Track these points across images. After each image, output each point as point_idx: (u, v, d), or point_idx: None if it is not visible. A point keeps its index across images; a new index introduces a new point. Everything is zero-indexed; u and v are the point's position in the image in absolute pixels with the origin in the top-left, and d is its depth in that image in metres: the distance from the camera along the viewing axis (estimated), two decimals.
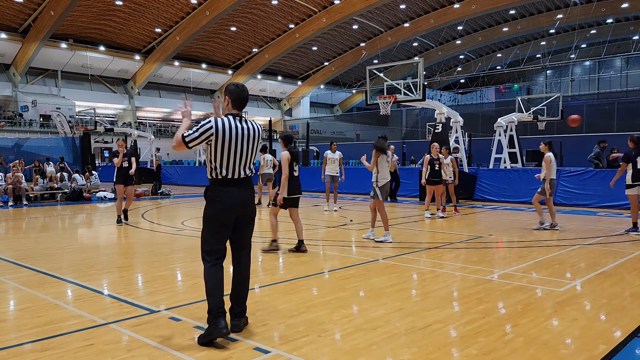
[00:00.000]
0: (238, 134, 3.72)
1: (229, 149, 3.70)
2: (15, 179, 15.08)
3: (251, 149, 3.83)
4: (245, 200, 3.85)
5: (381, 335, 3.75)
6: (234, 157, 3.73)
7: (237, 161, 3.75)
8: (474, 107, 49.78)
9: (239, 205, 3.81)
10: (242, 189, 3.82)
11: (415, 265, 6.36)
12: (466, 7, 41.49)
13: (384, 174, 8.05)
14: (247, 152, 3.79)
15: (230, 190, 3.76)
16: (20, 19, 37.44)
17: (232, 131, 3.70)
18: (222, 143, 3.68)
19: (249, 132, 3.79)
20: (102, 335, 3.77)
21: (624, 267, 6.09)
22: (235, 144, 3.72)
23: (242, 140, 3.76)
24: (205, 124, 3.65)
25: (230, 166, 3.73)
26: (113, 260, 6.83)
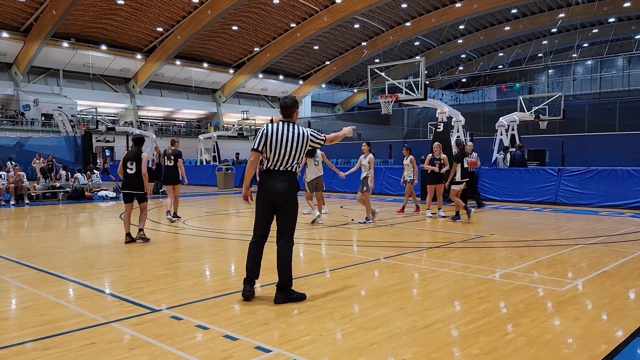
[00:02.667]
0: (282, 135, 4.61)
1: (273, 146, 4.59)
2: (17, 178, 15.11)
3: (292, 148, 4.61)
4: (280, 190, 4.58)
5: (382, 335, 3.74)
6: (277, 153, 4.59)
7: (278, 156, 4.60)
8: (475, 106, 49.72)
9: (273, 193, 4.59)
10: (279, 180, 4.60)
11: (416, 264, 6.36)
12: (468, 6, 41.44)
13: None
14: (288, 150, 4.60)
15: (268, 179, 4.62)
16: (22, 18, 37.48)
17: (277, 133, 4.62)
18: (270, 141, 4.60)
19: (292, 135, 4.63)
20: (103, 334, 3.78)
21: (626, 267, 6.08)
22: (278, 143, 4.58)
23: (284, 141, 4.59)
24: (261, 129, 4.69)
25: (272, 160, 4.60)
26: (114, 259, 6.84)
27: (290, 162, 4.63)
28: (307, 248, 7.73)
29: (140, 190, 8.13)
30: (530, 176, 14.84)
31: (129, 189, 8.16)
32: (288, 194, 4.61)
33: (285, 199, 4.61)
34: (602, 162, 21.39)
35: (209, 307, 4.46)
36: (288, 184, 4.62)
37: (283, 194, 4.59)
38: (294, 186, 4.69)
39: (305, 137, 4.69)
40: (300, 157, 4.68)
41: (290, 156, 4.62)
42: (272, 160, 4.61)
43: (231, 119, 53.48)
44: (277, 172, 4.61)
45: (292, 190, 4.65)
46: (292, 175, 4.66)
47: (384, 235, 8.87)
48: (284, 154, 4.59)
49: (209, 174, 24.60)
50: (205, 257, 7.03)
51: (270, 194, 4.60)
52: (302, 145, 4.67)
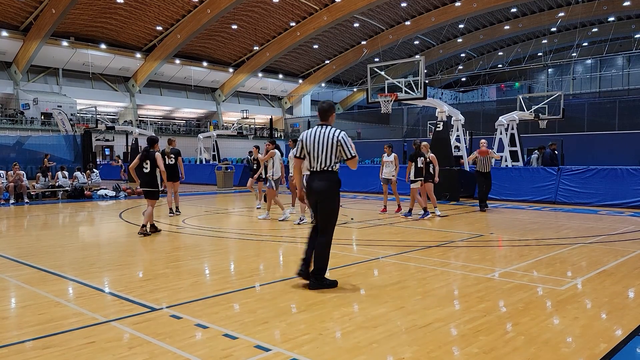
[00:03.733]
0: (314, 138, 5.04)
1: (308, 149, 5.07)
2: (17, 176, 15.10)
3: (323, 150, 4.98)
4: (317, 188, 5.02)
5: (382, 334, 3.75)
6: (312, 155, 5.05)
7: (313, 158, 5.05)
8: (475, 105, 49.71)
9: (312, 191, 5.06)
10: (317, 179, 5.03)
11: (416, 263, 6.36)
12: (467, 5, 41.44)
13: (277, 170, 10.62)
14: (320, 151, 4.99)
15: (311, 180, 5.09)
16: (21, 17, 37.45)
17: (310, 137, 5.08)
18: (305, 146, 5.11)
19: (322, 137, 5.00)
20: (103, 333, 3.78)
21: (625, 266, 6.09)
22: (311, 146, 5.04)
23: (316, 143, 5.01)
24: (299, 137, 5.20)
25: (311, 162, 5.07)
26: (114, 258, 6.84)
27: (326, 163, 4.98)
28: None
29: (154, 187, 8.66)
30: (530, 175, 14.85)
31: (145, 186, 8.78)
32: (324, 192, 5.00)
33: (322, 196, 5.01)
34: (601, 161, 21.41)
35: (208, 306, 4.47)
36: (324, 183, 5.00)
37: (319, 192, 5.01)
38: (331, 185, 5.02)
39: (334, 140, 4.97)
40: (332, 157, 4.97)
41: (323, 157, 4.98)
42: (311, 162, 5.08)
43: (231, 117, 53.48)
44: (316, 172, 5.05)
45: (328, 188, 5.01)
46: (330, 174, 5.01)
47: (384, 235, 8.88)
48: (317, 155, 5.00)
49: (209, 173, 24.60)
50: (204, 256, 7.03)
51: (311, 193, 5.08)
52: (331, 146, 4.96)
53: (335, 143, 4.97)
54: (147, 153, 8.73)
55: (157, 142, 8.96)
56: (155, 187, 8.67)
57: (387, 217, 11.30)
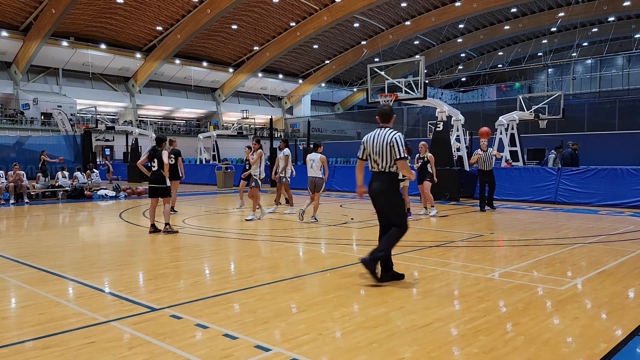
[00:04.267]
0: (373, 141, 5.26)
1: (368, 151, 5.30)
2: (17, 176, 15.10)
3: (380, 151, 5.18)
4: (376, 189, 5.25)
5: (382, 334, 3.75)
6: (372, 157, 5.27)
7: (373, 159, 5.26)
8: (475, 105, 49.74)
9: (372, 192, 5.30)
10: (376, 180, 5.26)
11: (416, 263, 6.36)
12: (467, 5, 41.45)
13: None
14: (377, 153, 5.19)
15: (371, 180, 5.31)
16: (21, 17, 37.46)
17: (370, 140, 5.30)
18: (366, 148, 5.33)
19: (379, 139, 5.21)
20: (103, 333, 3.78)
21: (625, 266, 6.09)
22: (371, 148, 5.26)
23: (374, 145, 5.22)
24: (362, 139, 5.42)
25: (371, 163, 5.29)
26: (114, 258, 6.84)
27: (383, 164, 5.19)
28: (307, 247, 7.73)
29: (162, 184, 8.89)
30: (530, 175, 14.85)
31: (153, 183, 8.98)
32: (383, 192, 5.22)
33: (381, 196, 5.25)
34: (601, 161, 21.38)
35: (208, 306, 4.47)
36: (383, 184, 5.21)
37: (379, 193, 5.24)
38: (390, 185, 5.23)
39: (387, 141, 5.16)
40: (390, 158, 5.15)
41: (380, 158, 5.19)
42: (371, 163, 5.31)
43: (231, 117, 53.49)
44: (376, 173, 5.27)
45: (387, 188, 5.22)
46: (388, 175, 5.21)
47: None
48: (376, 157, 5.22)
49: (209, 173, 24.60)
50: (204, 256, 7.03)
51: (372, 193, 5.31)
52: (386, 148, 5.16)
53: (388, 144, 5.15)
54: (154, 152, 8.97)
55: (164, 141, 9.25)
56: (165, 184, 8.90)
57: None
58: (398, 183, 5.36)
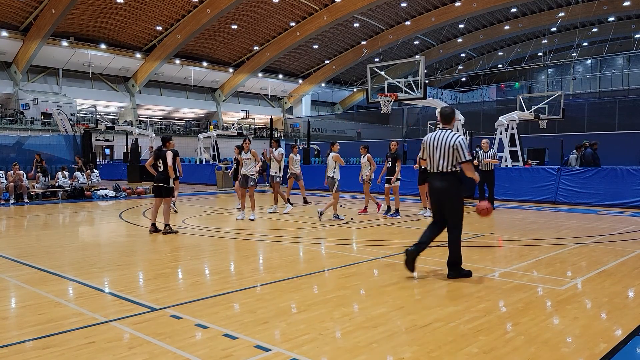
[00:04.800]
0: (433, 142, 5.40)
1: (428, 152, 5.48)
2: (17, 177, 15.10)
3: (441, 153, 5.33)
4: (438, 188, 5.43)
5: (382, 334, 3.75)
6: (430, 157, 5.45)
7: (432, 160, 5.44)
8: (475, 105, 49.74)
9: (433, 190, 5.52)
10: (437, 180, 5.42)
11: (416, 263, 6.35)
12: (467, 5, 41.45)
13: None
14: (438, 154, 5.36)
15: (431, 180, 5.53)
16: (21, 17, 37.45)
17: (430, 141, 5.46)
18: (426, 148, 5.50)
19: (441, 141, 5.34)
20: (103, 333, 3.78)
21: (625, 266, 6.09)
22: (431, 149, 5.43)
23: (434, 147, 5.38)
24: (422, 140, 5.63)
25: (430, 163, 5.48)
26: (114, 258, 6.84)
27: (443, 165, 5.34)
28: (307, 247, 7.73)
29: (166, 184, 8.91)
30: (530, 175, 14.84)
31: (157, 182, 9.00)
32: (445, 192, 5.39)
33: (443, 196, 5.43)
34: (601, 161, 21.38)
35: (208, 306, 4.47)
36: (445, 184, 5.37)
37: (440, 192, 5.43)
38: (452, 185, 5.37)
39: (450, 143, 5.31)
40: (450, 160, 5.31)
41: (441, 159, 5.35)
42: (430, 164, 5.48)
43: (231, 118, 53.48)
44: (436, 174, 5.42)
45: (449, 189, 5.37)
46: (450, 175, 5.35)
47: (383, 235, 8.88)
48: (435, 158, 5.39)
49: (209, 173, 24.60)
50: (204, 256, 7.03)
51: (433, 192, 5.53)
52: (448, 149, 5.30)
53: (452, 146, 5.28)
54: (159, 151, 9.02)
55: (169, 141, 9.20)
56: (168, 183, 8.91)
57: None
58: (461, 183, 5.45)
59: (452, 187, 5.37)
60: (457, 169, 5.35)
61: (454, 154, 5.28)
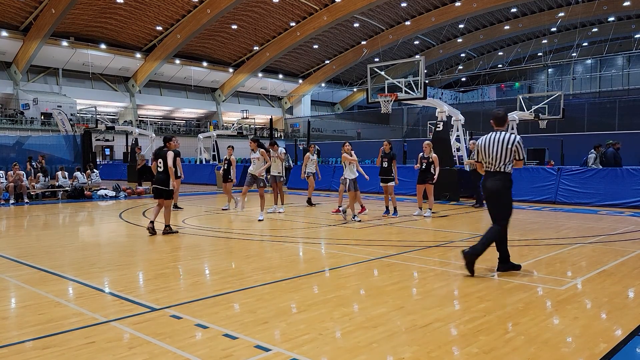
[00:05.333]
0: (488, 143, 5.69)
1: (483, 153, 5.75)
2: (17, 177, 15.10)
3: (496, 153, 5.61)
4: (490, 187, 5.70)
5: (382, 334, 3.75)
6: (486, 158, 5.71)
7: (488, 160, 5.70)
8: (475, 105, 49.73)
9: (486, 188, 5.76)
10: (490, 179, 5.69)
11: (416, 263, 6.36)
12: (467, 5, 41.45)
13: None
14: (493, 155, 5.63)
15: (485, 179, 5.78)
16: (21, 17, 37.45)
17: (485, 142, 5.74)
18: (481, 150, 5.77)
19: (496, 142, 5.63)
20: (103, 333, 3.78)
21: (625, 266, 6.09)
22: (486, 150, 5.70)
23: (490, 147, 5.65)
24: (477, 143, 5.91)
25: (486, 164, 5.75)
26: (114, 258, 6.84)
27: (498, 164, 5.61)
28: (307, 247, 7.73)
29: (166, 187, 8.66)
30: (530, 175, 14.84)
31: (157, 184, 8.76)
32: (497, 191, 5.65)
33: (495, 194, 5.68)
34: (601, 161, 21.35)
35: (208, 306, 4.47)
36: (498, 183, 5.63)
37: (492, 191, 5.69)
38: (503, 184, 5.61)
39: (508, 143, 5.58)
40: (506, 159, 5.58)
41: (496, 159, 5.62)
42: (486, 164, 5.74)
43: (231, 118, 53.49)
44: (490, 173, 5.70)
45: (501, 187, 5.62)
46: (503, 175, 5.61)
47: (383, 235, 8.88)
48: (491, 158, 5.65)
49: (209, 173, 24.59)
50: (204, 256, 7.03)
51: (486, 191, 5.79)
52: (507, 150, 5.57)
53: (511, 147, 5.57)
54: (159, 151, 8.79)
55: (170, 140, 8.94)
56: (167, 186, 8.64)
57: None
58: (511, 183, 5.67)
59: (504, 185, 5.64)
60: (510, 169, 5.62)
61: (512, 154, 5.58)
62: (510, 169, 5.64)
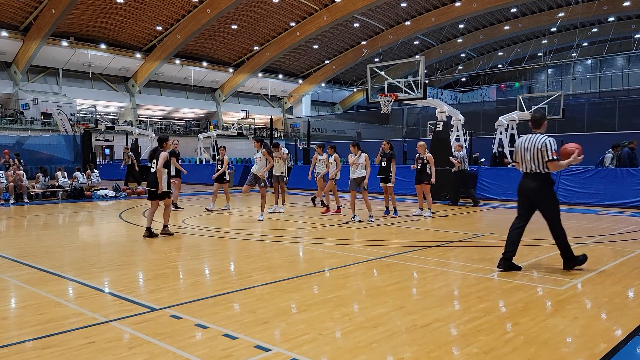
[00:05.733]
0: (524, 145, 5.84)
1: (519, 155, 5.89)
2: (17, 176, 15.10)
3: (530, 155, 5.74)
4: (529, 188, 5.80)
5: (382, 334, 3.75)
6: (522, 160, 5.85)
7: (523, 162, 5.84)
8: (475, 105, 49.75)
9: (524, 189, 5.85)
10: (529, 180, 5.80)
11: (416, 263, 6.36)
12: (467, 5, 41.45)
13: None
14: (528, 157, 5.76)
15: (522, 180, 5.89)
16: (21, 17, 37.45)
17: (521, 144, 5.89)
18: (519, 151, 5.91)
19: (530, 144, 5.76)
20: (103, 333, 3.78)
21: (625, 266, 6.09)
22: (522, 152, 5.84)
23: (525, 149, 5.80)
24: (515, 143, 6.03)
25: (521, 165, 5.88)
26: (114, 258, 6.84)
27: (534, 166, 5.72)
28: (307, 247, 7.73)
29: (155, 188, 8.38)
30: None
31: (149, 186, 8.54)
32: (538, 192, 5.75)
33: (535, 195, 5.78)
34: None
35: (208, 306, 4.47)
36: (536, 184, 5.74)
37: (532, 191, 5.78)
38: (544, 185, 5.73)
39: (539, 145, 5.70)
40: (541, 161, 5.68)
41: (531, 161, 5.74)
42: (522, 166, 5.87)
43: (231, 118, 53.49)
44: (528, 174, 5.81)
45: (542, 189, 5.74)
46: (541, 176, 5.72)
47: (383, 235, 8.88)
48: (526, 160, 5.80)
49: (209, 173, 24.56)
50: (204, 256, 7.03)
51: (522, 191, 5.88)
52: (536, 152, 5.70)
53: (539, 148, 5.68)
54: (154, 152, 8.58)
55: (166, 141, 8.62)
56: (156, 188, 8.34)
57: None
58: (551, 183, 5.79)
59: (544, 186, 5.75)
60: (548, 170, 5.71)
61: (542, 155, 5.66)
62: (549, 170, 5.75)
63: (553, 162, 5.64)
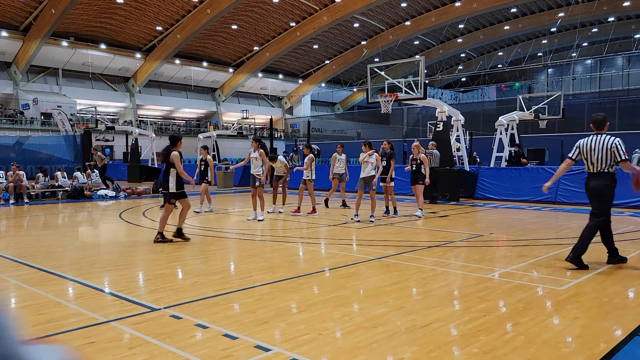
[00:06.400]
0: (590, 146, 6.02)
1: (585, 155, 6.07)
2: (17, 177, 15.10)
3: (598, 156, 5.94)
4: (593, 186, 6.05)
5: (382, 334, 3.75)
6: (589, 160, 6.02)
7: (590, 162, 6.02)
8: (475, 105, 49.74)
9: (589, 187, 6.11)
10: (594, 179, 6.04)
11: (415, 263, 6.36)
12: (467, 5, 41.45)
13: None
14: (595, 157, 5.96)
15: (588, 179, 6.13)
16: (21, 17, 37.46)
17: (586, 145, 6.06)
18: (583, 151, 6.09)
19: (599, 144, 5.96)
20: (103, 333, 3.78)
21: (625, 266, 6.09)
22: (588, 152, 6.02)
23: (591, 150, 5.99)
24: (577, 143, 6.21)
25: (588, 165, 6.07)
26: (114, 258, 6.84)
27: (601, 166, 5.95)
28: (307, 247, 7.73)
29: (165, 190, 7.94)
30: (530, 175, 14.84)
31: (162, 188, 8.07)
32: (600, 189, 6.00)
33: (598, 192, 6.02)
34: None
35: (208, 306, 4.47)
36: (601, 182, 5.97)
37: (597, 190, 6.03)
38: (607, 184, 5.98)
39: (608, 146, 5.91)
40: (608, 161, 5.91)
41: (599, 162, 5.95)
42: (588, 165, 6.06)
43: (231, 118, 53.48)
44: (593, 173, 6.03)
45: (605, 187, 5.98)
46: (607, 175, 5.97)
47: (383, 235, 8.88)
48: (594, 160, 5.97)
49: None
50: (204, 256, 7.03)
51: (589, 190, 6.11)
52: (606, 151, 5.90)
53: (609, 149, 5.88)
54: (167, 152, 7.93)
55: (179, 140, 8.02)
56: (167, 189, 7.90)
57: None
58: (615, 182, 6.04)
59: (609, 183, 6.01)
60: (613, 169, 5.98)
61: (612, 155, 5.87)
62: (614, 169, 5.99)
63: (625, 162, 5.91)
